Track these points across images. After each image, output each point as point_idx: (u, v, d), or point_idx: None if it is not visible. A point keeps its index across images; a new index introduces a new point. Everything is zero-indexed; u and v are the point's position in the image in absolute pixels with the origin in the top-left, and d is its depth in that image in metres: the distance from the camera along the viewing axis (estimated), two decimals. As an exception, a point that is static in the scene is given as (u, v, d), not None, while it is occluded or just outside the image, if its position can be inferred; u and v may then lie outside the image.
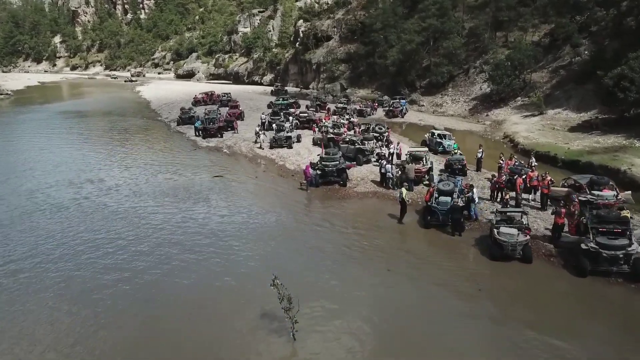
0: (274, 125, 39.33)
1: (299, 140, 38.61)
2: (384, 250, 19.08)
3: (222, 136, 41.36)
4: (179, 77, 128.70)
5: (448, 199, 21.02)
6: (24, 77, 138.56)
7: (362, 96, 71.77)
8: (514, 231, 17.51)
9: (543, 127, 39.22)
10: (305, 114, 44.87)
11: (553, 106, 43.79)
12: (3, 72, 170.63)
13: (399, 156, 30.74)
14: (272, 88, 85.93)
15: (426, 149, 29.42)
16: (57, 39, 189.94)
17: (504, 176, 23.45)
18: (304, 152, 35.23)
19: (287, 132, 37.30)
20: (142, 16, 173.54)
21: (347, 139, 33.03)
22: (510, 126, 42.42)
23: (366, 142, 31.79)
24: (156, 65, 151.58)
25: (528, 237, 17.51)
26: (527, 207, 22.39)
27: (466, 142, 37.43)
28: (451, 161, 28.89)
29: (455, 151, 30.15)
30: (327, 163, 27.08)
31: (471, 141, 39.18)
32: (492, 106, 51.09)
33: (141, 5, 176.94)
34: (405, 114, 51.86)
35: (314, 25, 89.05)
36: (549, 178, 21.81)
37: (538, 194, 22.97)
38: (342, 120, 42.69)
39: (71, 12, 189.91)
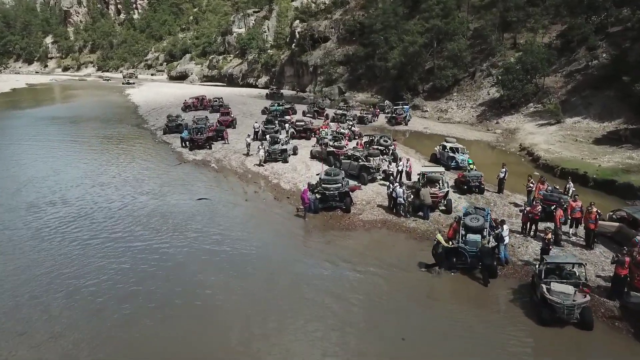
0: (267, 136, 35.39)
1: (295, 153, 34.74)
2: (398, 308, 15.19)
3: (210, 148, 37.39)
4: (172, 78, 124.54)
5: (477, 237, 17.17)
6: (13, 78, 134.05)
7: (361, 100, 67.92)
8: (570, 289, 13.63)
9: (564, 138, 35.42)
10: (302, 123, 40.91)
11: (571, 114, 40.01)
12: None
13: (408, 175, 26.89)
14: (267, 91, 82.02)
15: (442, 169, 25.34)
16: (48, 40, 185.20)
17: (539, 206, 19.57)
18: (301, 168, 31.36)
19: (282, 145, 33.36)
20: (135, 16, 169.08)
21: (350, 154, 29.12)
22: (526, 136, 38.65)
23: (371, 158, 27.87)
24: (149, 67, 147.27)
25: (588, 297, 13.64)
26: (567, 245, 18.61)
27: (478, 154, 33.48)
28: (468, 178, 25.12)
29: (471, 167, 26.30)
30: (328, 186, 23.19)
31: (483, 153, 35.39)
32: (502, 113, 47.32)
33: (134, 5, 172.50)
34: (409, 121, 48.01)
35: (311, 25, 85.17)
36: (595, 210, 17.92)
37: (580, 227, 19.17)
38: (342, 129, 38.80)
39: (63, 12, 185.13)
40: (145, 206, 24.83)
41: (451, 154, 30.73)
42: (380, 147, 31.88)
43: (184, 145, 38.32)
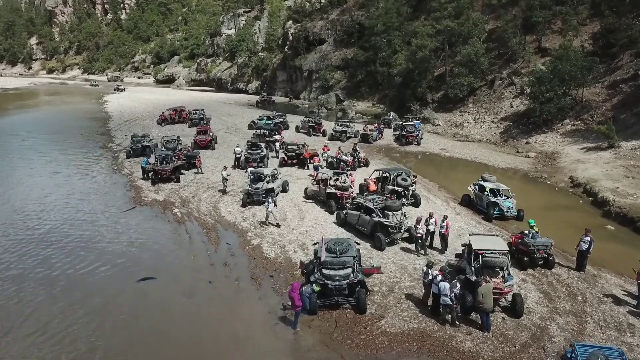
0: (248, 170, 26.89)
1: (285, 190, 26.41)
2: None
3: (178, 181, 28.90)
4: (159, 82, 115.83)
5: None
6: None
7: (361, 110, 59.58)
8: None
9: (629, 171, 27.23)
10: (295, 147, 32.44)
11: (627, 136, 31.84)
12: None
13: (443, 238, 18.60)
14: (257, 98, 73.59)
15: (505, 247, 16.06)
16: (33, 41, 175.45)
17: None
18: (293, 216, 22.98)
19: (268, 181, 24.95)
20: (123, 16, 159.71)
21: (358, 202, 20.75)
22: (573, 165, 30.45)
23: (390, 212, 19.44)
24: (136, 69, 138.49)
25: None
26: None
27: (515, 191, 24.42)
28: (532, 246, 16.89)
29: (534, 228, 17.88)
30: (332, 273, 14.81)
31: (522, 189, 26.83)
32: (532, 130, 39.17)
33: (122, 5, 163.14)
34: (421, 139, 39.70)
35: (305, 26, 76.73)
36: None
37: None
38: (343, 156, 30.46)
39: (48, 12, 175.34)
40: (53, 298, 16.35)
41: (492, 199, 22.47)
42: (398, 188, 23.57)
43: (145, 177, 29.85)
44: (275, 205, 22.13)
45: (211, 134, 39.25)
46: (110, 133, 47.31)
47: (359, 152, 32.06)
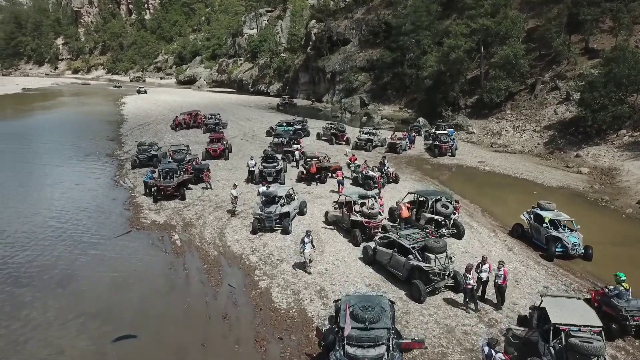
0: (260, 189, 23.15)
1: (302, 212, 22.65)
2: None
3: (183, 198, 25.39)
4: (180, 83, 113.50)
5: None
6: (15, 81, 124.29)
7: (388, 115, 55.46)
8: None
9: None
10: (316, 159, 28.61)
11: (701, 152, 27.17)
12: (3, 75, 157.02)
13: (500, 290, 14.52)
14: (278, 101, 70.15)
15: (598, 322, 11.20)
16: (59, 41, 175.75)
17: None
18: (311, 251, 19.13)
19: (282, 204, 21.21)
20: (147, 17, 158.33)
21: (391, 237, 16.81)
22: (639, 185, 25.91)
23: (432, 255, 15.40)
24: (159, 70, 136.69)
25: None
26: None
27: (573, 215, 19.85)
28: (626, 312, 12.72)
29: (623, 284, 13.54)
30: (360, 353, 10.88)
31: (580, 215, 22.17)
32: (581, 141, 34.56)
33: (146, 5, 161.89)
34: (456, 150, 35.46)
35: (329, 26, 72.91)
36: None
37: None
38: (369, 171, 26.56)
39: (74, 13, 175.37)
40: None
41: (553, 233, 18.25)
42: (437, 217, 19.53)
43: (147, 192, 26.44)
44: (313, 247, 17.28)
45: (225, 142, 35.69)
46: (120, 138, 44.28)
47: (388, 166, 28.02)
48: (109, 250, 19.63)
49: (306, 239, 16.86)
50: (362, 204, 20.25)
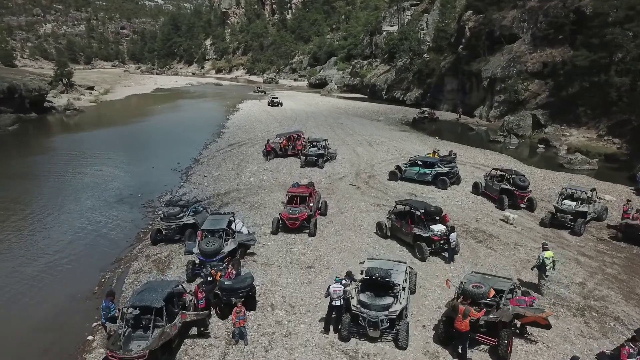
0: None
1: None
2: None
3: (208, 332, 11.32)
4: (312, 86, 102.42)
5: None
6: (157, 80, 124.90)
7: (578, 145, 36.33)
8: None
9: None
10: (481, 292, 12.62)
11: None
12: (157, 73, 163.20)
13: None
14: (416, 113, 54.29)
15: None
16: (208, 41, 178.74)
17: None
18: None
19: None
20: (289, 16, 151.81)
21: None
22: None
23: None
24: (293, 71, 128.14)
25: None
26: None
27: None
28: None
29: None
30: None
31: None
32: None
33: (288, 5, 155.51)
34: None
35: (490, 18, 54.59)
36: None
37: None
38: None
39: (222, 14, 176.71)
40: None
41: None
42: None
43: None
44: None
45: (313, 202, 20.55)
46: (191, 168, 32.03)
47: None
48: None
49: None
50: None
